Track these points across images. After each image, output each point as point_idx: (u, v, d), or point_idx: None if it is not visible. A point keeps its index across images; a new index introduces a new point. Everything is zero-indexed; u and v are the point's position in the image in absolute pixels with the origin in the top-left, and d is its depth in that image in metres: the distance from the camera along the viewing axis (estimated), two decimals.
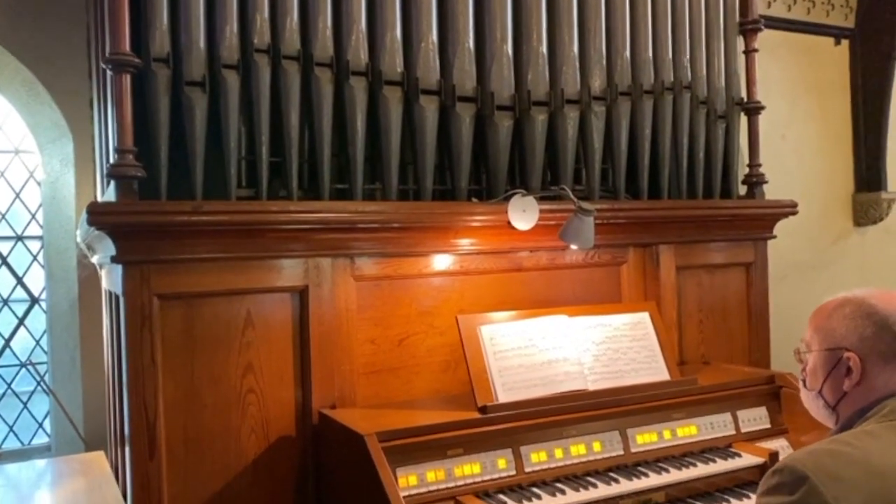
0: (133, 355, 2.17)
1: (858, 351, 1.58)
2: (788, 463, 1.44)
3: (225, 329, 2.30)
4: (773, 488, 1.44)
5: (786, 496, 1.40)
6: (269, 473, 2.34)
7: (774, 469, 1.46)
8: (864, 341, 1.59)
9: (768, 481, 1.46)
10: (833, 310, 1.66)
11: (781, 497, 1.41)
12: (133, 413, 2.16)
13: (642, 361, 2.55)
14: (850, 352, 1.59)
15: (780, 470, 1.44)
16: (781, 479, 1.43)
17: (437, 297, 2.64)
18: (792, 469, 1.41)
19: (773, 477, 1.45)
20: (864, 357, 1.58)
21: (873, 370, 1.58)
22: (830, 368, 1.62)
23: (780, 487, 1.42)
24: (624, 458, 2.37)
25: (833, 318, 1.64)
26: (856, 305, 1.63)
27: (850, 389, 1.60)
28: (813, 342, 1.68)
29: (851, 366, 1.58)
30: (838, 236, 5.25)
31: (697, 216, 3.01)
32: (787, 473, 1.42)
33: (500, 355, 2.38)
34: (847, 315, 1.62)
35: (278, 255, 2.34)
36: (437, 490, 2.10)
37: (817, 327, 1.68)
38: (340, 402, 2.43)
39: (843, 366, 1.60)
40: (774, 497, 1.43)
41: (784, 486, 1.41)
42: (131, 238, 2.14)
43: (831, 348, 1.62)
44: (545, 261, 2.81)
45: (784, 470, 1.43)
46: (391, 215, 2.44)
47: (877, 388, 1.58)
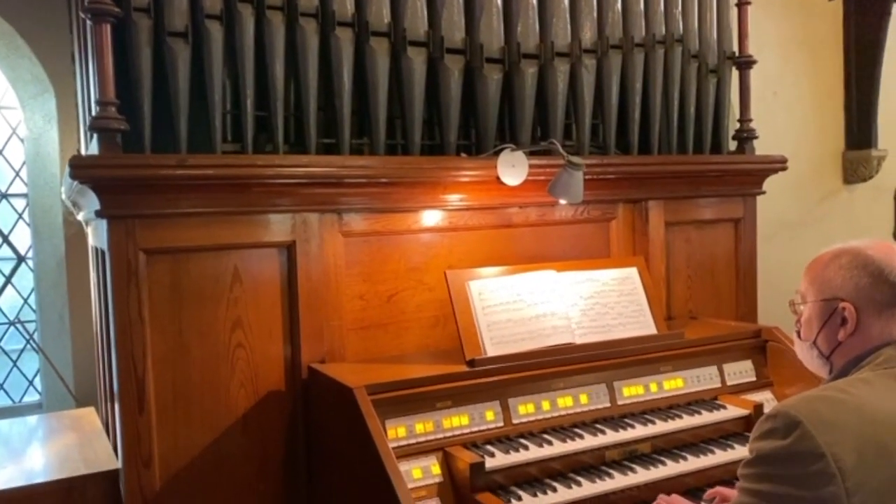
0: (120, 310, 2.16)
1: (854, 301, 1.59)
2: (782, 409, 1.45)
3: (212, 284, 2.29)
4: (766, 433, 1.46)
5: (779, 441, 1.41)
6: (259, 427, 2.35)
7: (768, 414, 1.47)
8: (859, 291, 1.59)
9: (762, 426, 1.47)
10: (829, 261, 1.66)
11: (774, 442, 1.42)
12: (121, 368, 2.16)
13: (630, 316, 2.56)
14: (845, 302, 1.60)
15: (773, 415, 1.45)
16: (775, 425, 1.44)
17: (426, 253, 2.63)
18: (785, 414, 1.42)
19: (767, 422, 1.46)
20: (859, 307, 1.59)
21: (868, 320, 1.59)
22: (826, 319, 1.63)
23: (774, 432, 1.43)
24: (610, 410, 2.40)
25: (829, 269, 1.64)
26: (852, 256, 1.63)
27: (844, 339, 1.61)
28: (808, 293, 1.68)
29: (847, 315, 1.59)
30: (827, 194, 5.25)
31: (687, 171, 3.00)
32: (781, 419, 1.43)
33: (488, 310, 2.39)
34: (843, 265, 1.63)
35: (265, 210, 2.32)
36: (426, 441, 2.12)
37: (813, 278, 1.68)
38: (330, 357, 2.44)
39: (839, 316, 1.61)
40: (767, 442, 1.44)
41: (777, 430, 1.42)
42: (115, 192, 2.11)
43: (827, 299, 1.63)
44: (534, 217, 2.80)
45: (778, 415, 1.44)
46: (379, 170, 2.41)
47: (872, 337, 1.59)
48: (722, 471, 2.27)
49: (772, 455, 1.43)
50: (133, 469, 2.17)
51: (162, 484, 2.22)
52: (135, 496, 2.18)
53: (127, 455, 2.17)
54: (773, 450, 1.42)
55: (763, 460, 1.45)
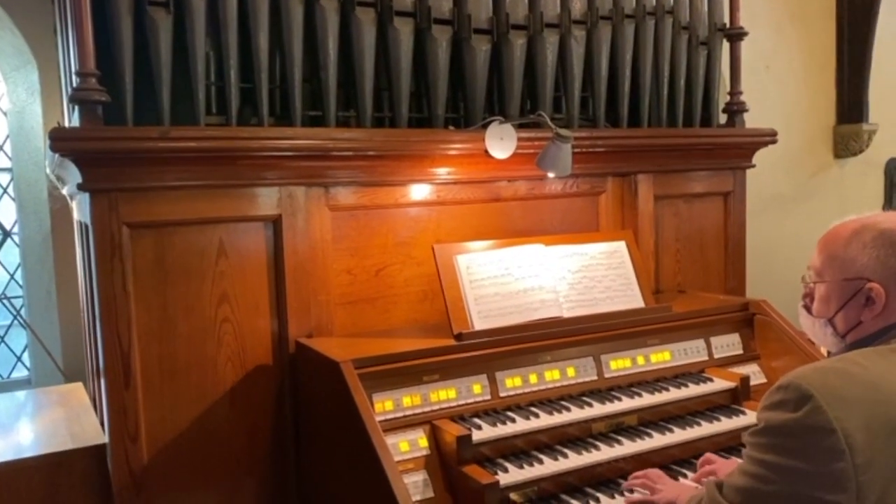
0: (104, 285, 2.14)
1: (882, 281, 1.52)
2: (793, 380, 1.40)
3: (198, 258, 2.27)
4: (776, 404, 1.41)
5: (789, 413, 1.37)
6: (246, 401, 2.35)
7: (779, 385, 1.42)
8: (887, 271, 1.52)
9: (772, 397, 1.43)
10: (850, 237, 1.57)
11: (784, 414, 1.38)
12: (106, 342, 2.15)
13: (617, 289, 2.56)
14: (872, 282, 1.52)
15: (784, 386, 1.41)
16: (786, 396, 1.39)
17: (414, 227, 2.62)
18: (797, 386, 1.38)
19: (777, 393, 1.42)
20: (887, 287, 1.52)
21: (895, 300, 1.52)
22: (848, 298, 1.56)
23: (784, 404, 1.39)
24: (597, 383, 2.41)
25: (851, 247, 1.56)
26: (876, 232, 1.54)
27: (867, 319, 1.55)
28: (826, 271, 1.60)
29: (874, 296, 1.52)
30: (818, 169, 5.25)
31: (677, 145, 2.99)
32: (792, 390, 1.38)
33: (476, 284, 2.38)
34: (867, 243, 1.54)
35: (250, 184, 2.30)
36: (413, 415, 2.13)
37: (832, 255, 1.59)
38: (317, 331, 2.43)
39: (863, 296, 1.54)
40: (777, 413, 1.40)
41: (788, 402, 1.38)
42: (97, 165, 2.08)
43: (850, 278, 1.56)
44: (523, 191, 2.78)
45: (789, 387, 1.40)
46: (366, 143, 2.39)
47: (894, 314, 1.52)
48: (708, 443, 2.28)
49: (781, 427, 1.39)
50: (120, 443, 2.17)
51: (149, 458, 2.22)
52: (122, 470, 2.18)
53: (113, 429, 2.17)
54: (782, 422, 1.39)
55: (772, 431, 1.41)
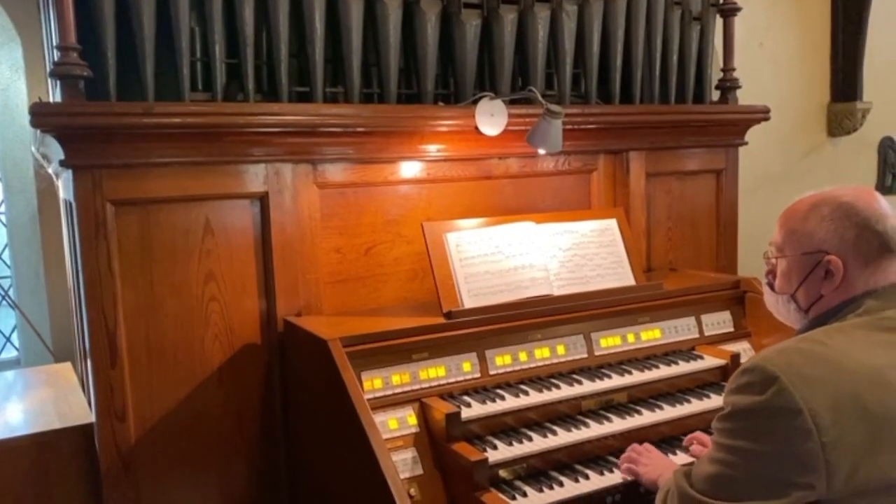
0: (88, 263, 2.11)
1: (840, 254, 1.53)
2: (759, 362, 1.41)
3: (183, 236, 2.24)
4: (742, 387, 1.42)
5: (755, 396, 1.38)
6: (235, 380, 2.34)
7: (744, 368, 1.44)
8: (845, 243, 1.53)
9: (738, 380, 1.44)
10: (808, 211, 1.58)
11: (750, 396, 1.39)
12: (92, 321, 2.13)
13: (608, 267, 2.55)
14: (830, 255, 1.53)
15: (750, 369, 1.42)
16: (751, 379, 1.40)
17: (403, 205, 2.59)
18: (762, 369, 1.39)
19: (743, 376, 1.43)
20: (845, 260, 1.53)
21: (854, 273, 1.53)
22: (808, 272, 1.57)
23: (750, 387, 1.40)
24: (587, 361, 2.40)
25: (809, 220, 1.57)
26: (834, 206, 1.55)
27: (828, 293, 1.56)
28: (787, 246, 1.61)
29: (833, 269, 1.53)
30: (811, 147, 5.23)
31: (669, 121, 2.96)
32: (758, 373, 1.39)
33: (466, 262, 2.36)
34: (825, 216, 1.55)
35: (236, 161, 2.26)
36: (402, 392, 2.12)
37: (791, 230, 1.61)
38: (306, 310, 2.42)
39: (822, 269, 1.55)
40: (743, 396, 1.41)
41: (754, 385, 1.39)
42: (80, 141, 2.05)
43: (809, 252, 1.56)
44: (514, 168, 2.76)
45: (754, 369, 1.40)
46: (354, 118, 2.35)
47: (855, 288, 1.54)
48: (698, 420, 2.28)
49: (748, 410, 1.40)
50: (107, 423, 2.15)
51: (137, 437, 2.21)
52: (109, 449, 2.16)
53: (100, 409, 2.15)
54: (749, 405, 1.39)
55: (739, 415, 1.42)
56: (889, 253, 1.53)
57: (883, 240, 1.53)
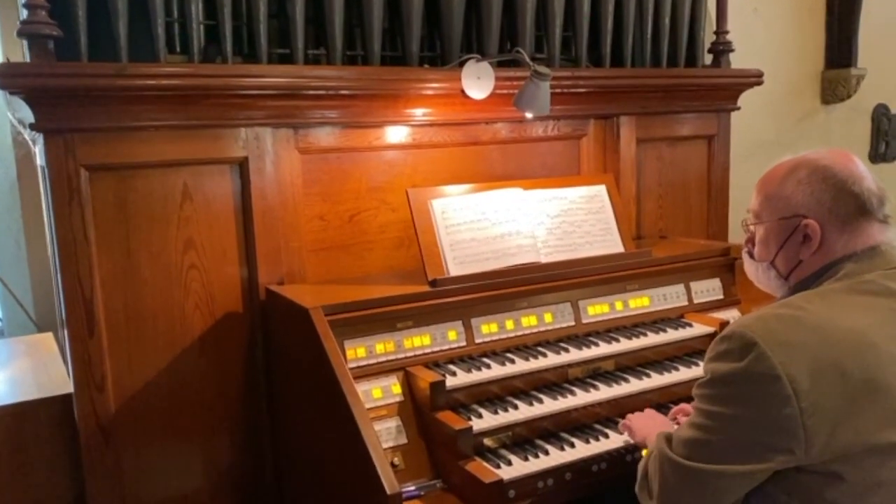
0: (62, 230, 2.06)
1: (817, 217, 1.51)
2: (736, 329, 1.40)
3: (161, 203, 2.19)
4: (721, 354, 1.42)
5: (734, 363, 1.38)
6: (216, 348, 2.30)
7: (723, 335, 1.43)
8: (822, 206, 1.51)
9: (717, 347, 1.44)
10: (785, 175, 1.56)
11: (729, 364, 1.39)
12: (67, 290, 2.08)
13: (597, 234, 2.50)
14: (807, 219, 1.51)
15: (728, 336, 1.41)
16: (730, 346, 1.40)
17: (388, 171, 2.54)
18: (741, 335, 1.38)
19: (722, 343, 1.42)
20: (823, 223, 1.51)
21: (832, 236, 1.51)
22: (786, 238, 1.55)
23: (729, 354, 1.40)
24: (575, 329, 2.37)
25: (786, 185, 1.55)
26: (810, 169, 1.53)
27: (806, 258, 1.54)
28: (764, 211, 1.59)
29: (810, 233, 1.52)
30: (804, 115, 5.17)
31: (661, 85, 2.90)
32: (736, 340, 1.39)
33: (451, 229, 2.31)
34: (802, 180, 1.53)
35: (214, 125, 2.20)
36: (387, 361, 2.08)
37: (768, 195, 1.58)
38: (289, 279, 2.37)
39: (800, 234, 1.53)
40: (722, 363, 1.41)
41: (732, 352, 1.39)
42: (50, 103, 1.98)
43: (786, 217, 1.54)
44: (502, 134, 2.70)
45: (732, 336, 1.40)
46: (336, 81, 2.28)
47: (834, 252, 1.52)
48: (685, 388, 2.25)
49: (727, 376, 1.40)
50: (85, 393, 2.12)
51: (117, 407, 2.17)
52: (88, 420, 2.13)
53: (78, 379, 2.11)
54: (728, 371, 1.39)
55: (718, 381, 1.42)
56: (866, 215, 1.51)
57: (860, 202, 1.50)
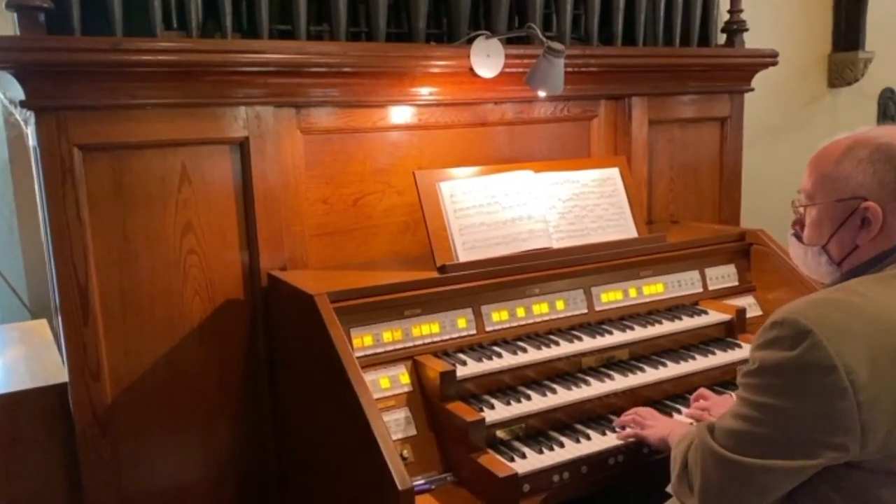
0: (55, 213, 1.97)
1: (879, 200, 1.40)
2: (788, 315, 1.30)
3: (159, 184, 2.10)
4: (771, 342, 1.32)
5: (785, 351, 1.28)
6: (216, 336, 2.21)
7: (773, 321, 1.32)
8: (884, 188, 1.40)
9: (766, 334, 1.34)
10: (842, 154, 1.44)
11: (780, 352, 1.29)
12: (61, 276, 1.99)
13: (610, 219, 2.42)
14: (868, 201, 1.41)
15: (779, 322, 1.31)
16: (781, 333, 1.30)
17: (393, 153, 2.45)
18: (793, 322, 1.28)
19: (772, 330, 1.32)
20: (884, 206, 1.40)
21: (893, 220, 1.40)
22: (842, 221, 1.45)
23: (780, 341, 1.30)
24: (588, 317, 2.29)
25: (844, 164, 1.43)
26: (872, 147, 1.41)
27: (864, 243, 1.43)
28: (818, 192, 1.48)
29: (870, 217, 1.41)
30: (811, 98, 5.09)
31: (673, 65, 2.81)
32: (788, 326, 1.29)
33: (460, 213, 2.23)
34: (863, 159, 1.41)
35: (214, 103, 2.10)
36: (394, 350, 2.01)
37: (824, 175, 1.46)
38: (291, 264, 2.29)
39: (858, 217, 1.42)
40: (772, 351, 1.31)
41: (784, 339, 1.29)
42: (41, 79, 1.88)
43: (844, 198, 1.44)
44: (511, 114, 2.61)
45: (784, 323, 1.30)
46: (340, 57, 2.19)
47: (893, 237, 1.41)
48: (702, 377, 2.19)
49: (778, 366, 1.29)
50: (80, 382, 2.04)
51: (114, 397, 2.09)
52: (84, 410, 2.05)
53: (73, 368, 2.03)
54: (779, 360, 1.29)
55: (767, 371, 1.31)
56: None
57: None
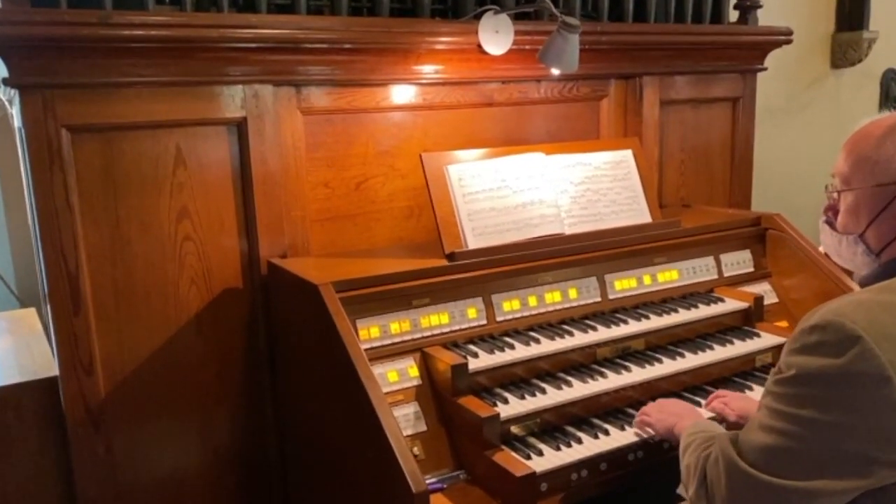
0: (43, 198, 1.86)
1: None
2: (833, 318, 1.18)
3: (152, 168, 1.99)
4: (811, 347, 1.19)
5: (830, 359, 1.16)
6: (214, 327, 2.12)
7: (814, 324, 1.20)
8: None
9: (804, 338, 1.21)
10: (884, 135, 1.35)
11: (824, 359, 1.17)
12: (49, 264, 1.88)
13: (623, 203, 2.33)
14: None
15: (821, 326, 1.19)
16: (824, 338, 1.17)
17: (397, 135, 2.34)
18: (839, 326, 1.16)
19: (812, 334, 1.20)
20: None
21: None
22: (881, 208, 1.35)
23: (823, 347, 1.17)
24: (601, 305, 2.21)
25: (886, 146, 1.34)
26: None
27: None
28: (855, 176, 1.38)
29: None
30: (814, 79, 5.00)
31: (686, 42, 2.71)
32: (833, 331, 1.17)
33: (469, 197, 2.14)
34: None
35: (209, 81, 1.99)
36: (402, 342, 1.92)
37: (862, 158, 1.37)
38: (292, 251, 2.19)
39: None
40: (814, 358, 1.18)
41: (827, 345, 1.17)
42: (25, 56, 1.76)
43: (884, 183, 1.34)
44: (518, 94, 2.51)
45: (828, 327, 1.18)
46: (342, 33, 2.08)
47: None
48: (721, 367, 2.12)
49: (822, 375, 1.17)
50: (72, 376, 1.94)
51: (107, 392, 2.00)
52: (76, 405, 1.95)
53: (64, 361, 1.93)
54: (822, 368, 1.17)
55: (809, 380, 1.19)
56: None
57: None
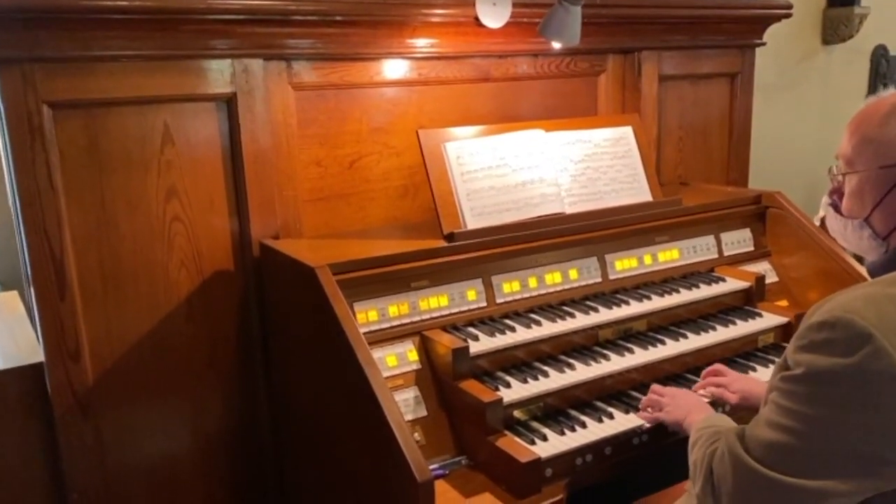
0: (24, 178, 1.77)
1: None
2: (842, 314, 1.13)
3: (139, 145, 1.91)
4: (819, 344, 1.14)
5: (840, 357, 1.11)
6: (205, 311, 2.05)
7: (822, 321, 1.15)
8: None
9: (812, 335, 1.16)
10: (888, 114, 1.30)
11: (834, 358, 1.12)
12: (33, 247, 1.81)
13: (623, 181, 2.29)
14: None
15: (829, 323, 1.14)
16: (832, 335, 1.13)
17: (391, 111, 2.27)
18: (849, 322, 1.11)
19: (821, 331, 1.15)
20: None
21: None
22: (887, 190, 1.30)
23: (832, 344, 1.13)
24: (602, 286, 2.17)
25: (889, 127, 1.29)
26: None
27: None
28: (859, 157, 1.33)
29: None
30: (804, 56, 4.96)
31: (686, 16, 2.65)
32: (842, 328, 1.12)
33: (468, 176, 2.08)
34: None
35: (197, 55, 1.91)
36: (401, 325, 1.87)
37: (866, 138, 1.32)
38: (284, 232, 2.13)
39: None
40: (823, 356, 1.14)
41: (836, 343, 1.12)
42: (3, 27, 1.67)
43: (889, 164, 1.29)
44: (514, 70, 2.44)
45: (836, 324, 1.13)
46: (332, 4, 2.00)
47: None
48: (723, 348, 2.09)
49: (831, 374, 1.13)
50: (58, 363, 1.87)
51: (95, 378, 1.93)
52: (63, 392, 1.89)
53: (49, 347, 1.86)
54: (832, 367, 1.13)
55: (817, 378, 1.15)
56: None
57: None
